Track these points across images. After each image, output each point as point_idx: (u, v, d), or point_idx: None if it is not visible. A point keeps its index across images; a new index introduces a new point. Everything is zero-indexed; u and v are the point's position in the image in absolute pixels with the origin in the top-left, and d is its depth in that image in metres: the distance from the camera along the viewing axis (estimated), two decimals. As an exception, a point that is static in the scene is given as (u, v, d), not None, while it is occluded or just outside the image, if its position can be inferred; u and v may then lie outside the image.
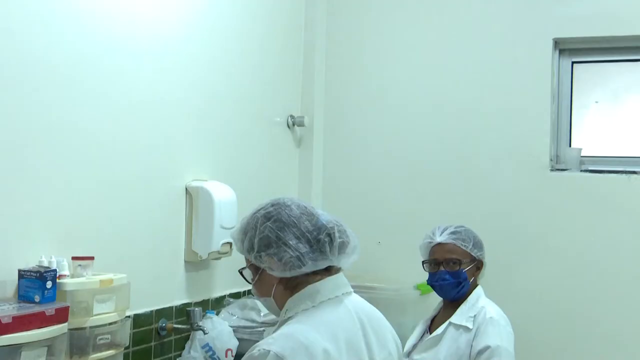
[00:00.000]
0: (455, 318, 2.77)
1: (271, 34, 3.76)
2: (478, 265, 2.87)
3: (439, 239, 2.85)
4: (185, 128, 3.05)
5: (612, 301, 3.43)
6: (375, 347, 1.83)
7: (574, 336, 3.50)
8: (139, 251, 2.76)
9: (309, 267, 1.78)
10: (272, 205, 1.84)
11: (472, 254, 2.84)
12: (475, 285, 2.87)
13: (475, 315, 2.74)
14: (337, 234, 1.81)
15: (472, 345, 2.67)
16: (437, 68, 3.86)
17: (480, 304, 2.78)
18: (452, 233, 2.86)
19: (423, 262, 2.90)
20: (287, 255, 1.76)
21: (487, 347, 2.62)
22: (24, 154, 2.26)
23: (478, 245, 2.87)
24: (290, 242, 1.76)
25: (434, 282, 2.85)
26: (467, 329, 2.72)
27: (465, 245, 2.83)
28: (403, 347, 2.50)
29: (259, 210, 1.85)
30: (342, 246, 1.82)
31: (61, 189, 2.40)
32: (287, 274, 1.78)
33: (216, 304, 3.27)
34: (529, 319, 3.55)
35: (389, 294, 3.39)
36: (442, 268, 2.83)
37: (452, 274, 2.81)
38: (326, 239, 1.79)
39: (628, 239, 3.41)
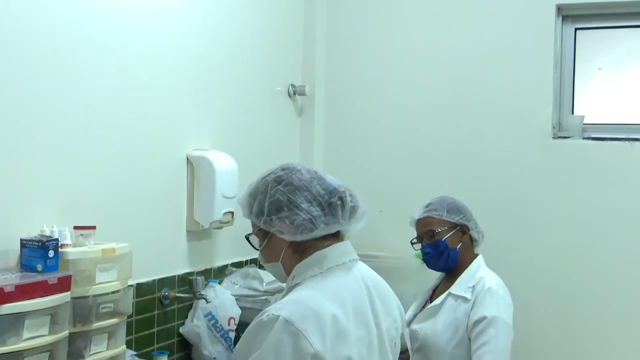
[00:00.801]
0: (454, 288, 2.76)
1: (273, 3, 3.72)
2: (462, 230, 2.82)
3: (416, 215, 2.87)
4: (186, 98, 3.03)
5: (614, 269, 3.43)
6: (381, 313, 1.84)
7: (575, 304, 3.51)
8: (141, 221, 2.76)
9: (320, 231, 1.78)
10: (282, 169, 1.83)
11: (449, 220, 2.80)
12: (474, 255, 2.85)
13: (474, 286, 2.72)
14: (348, 198, 1.81)
15: (469, 316, 2.66)
16: (439, 36, 3.83)
17: (479, 274, 2.76)
18: (426, 207, 2.86)
19: (411, 242, 2.91)
20: (299, 218, 1.76)
21: (484, 318, 2.60)
22: (25, 124, 2.25)
23: (454, 210, 2.82)
24: (303, 205, 1.76)
25: (422, 258, 2.87)
26: (465, 299, 2.70)
27: (439, 214, 2.80)
28: (405, 316, 2.50)
29: (268, 174, 1.84)
30: (353, 210, 1.83)
31: (62, 159, 2.39)
32: (299, 238, 1.78)
33: (218, 273, 3.27)
34: (530, 287, 3.56)
35: (391, 262, 3.40)
36: (423, 242, 2.84)
37: (431, 246, 2.80)
38: (338, 203, 1.79)
39: (630, 206, 3.41)
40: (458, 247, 2.80)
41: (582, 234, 3.49)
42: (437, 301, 2.77)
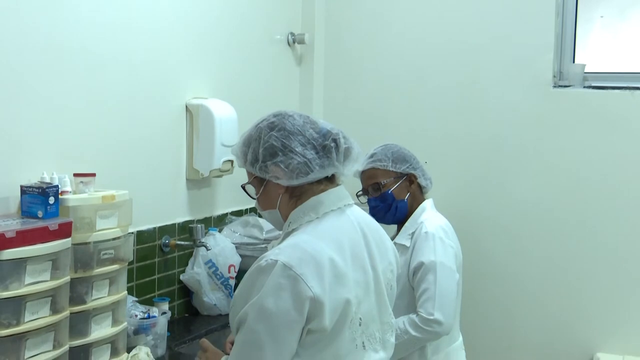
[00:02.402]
0: (398, 238, 2.69)
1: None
2: (410, 179, 2.74)
3: (360, 167, 2.75)
4: (185, 45, 3.01)
5: (615, 217, 3.44)
6: (377, 256, 1.85)
7: (576, 253, 3.52)
8: (141, 169, 2.77)
9: (316, 174, 1.79)
10: (275, 116, 1.84)
11: (395, 170, 2.71)
12: (421, 201, 2.76)
13: (413, 232, 2.65)
14: (342, 140, 1.82)
15: (409, 264, 2.60)
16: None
17: (420, 219, 2.67)
18: (370, 157, 2.75)
19: (357, 195, 2.80)
20: (294, 162, 1.77)
21: (422, 264, 2.55)
22: (24, 72, 2.25)
23: (399, 159, 2.73)
24: (297, 149, 1.77)
25: (369, 212, 2.67)
26: (405, 247, 2.64)
27: (384, 165, 2.71)
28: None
29: (261, 121, 1.85)
30: (348, 152, 1.83)
31: (61, 107, 2.39)
32: (295, 182, 1.79)
33: (218, 222, 3.29)
34: (530, 236, 3.59)
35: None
36: (369, 195, 2.75)
37: (378, 199, 2.72)
38: (332, 145, 1.80)
39: (631, 155, 3.40)
40: (406, 197, 2.72)
41: (582, 182, 3.49)
42: None
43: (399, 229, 2.77)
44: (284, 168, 1.78)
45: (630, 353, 3.42)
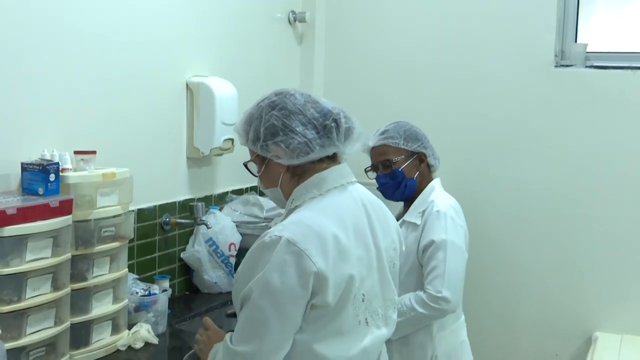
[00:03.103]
0: (407, 215, 2.69)
1: None
2: (420, 158, 2.73)
3: (370, 142, 2.75)
4: (186, 23, 2.99)
5: (616, 197, 3.44)
6: (380, 234, 1.86)
7: (576, 233, 3.53)
8: (141, 147, 2.77)
9: (316, 153, 1.79)
10: (276, 94, 1.83)
11: (407, 148, 2.70)
12: (429, 179, 2.76)
13: (423, 211, 2.65)
14: (343, 120, 1.81)
15: (419, 242, 2.60)
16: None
17: (431, 198, 2.67)
18: (382, 133, 2.74)
19: (365, 170, 2.80)
20: (294, 142, 1.76)
21: (432, 242, 2.55)
22: (24, 51, 2.24)
23: (411, 137, 2.71)
24: (297, 129, 1.77)
25: (377, 188, 2.74)
26: (415, 225, 2.64)
27: (395, 142, 2.69)
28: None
29: (262, 100, 1.84)
30: (349, 132, 1.83)
31: (62, 84, 2.39)
32: (295, 161, 1.79)
33: (219, 200, 3.30)
34: (530, 215, 3.59)
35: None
36: (379, 172, 2.74)
37: (388, 176, 2.70)
38: (332, 125, 1.79)
39: (632, 135, 3.39)
40: (415, 176, 2.72)
41: (583, 162, 3.49)
42: None
43: (406, 207, 2.77)
44: (285, 148, 1.77)
45: (628, 332, 3.44)
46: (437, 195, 2.68)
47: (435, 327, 2.59)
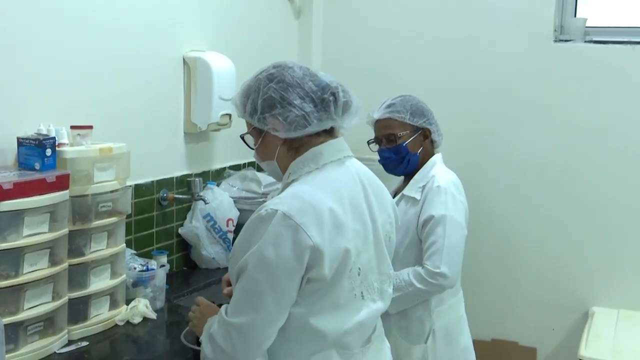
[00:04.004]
0: (407, 190, 2.67)
1: None
2: (424, 134, 2.69)
3: (376, 115, 2.70)
4: (181, -4, 2.97)
5: (615, 171, 3.44)
6: (376, 208, 1.86)
7: (573, 206, 3.54)
8: (138, 122, 2.76)
9: (314, 127, 1.78)
10: (275, 67, 1.82)
11: (412, 123, 2.65)
12: (431, 155, 2.72)
13: (424, 186, 2.62)
14: (341, 94, 1.80)
15: (418, 216, 2.57)
16: None
17: (431, 173, 2.64)
18: (388, 106, 2.68)
19: (368, 142, 2.76)
20: (292, 115, 1.75)
21: (432, 217, 2.52)
22: (20, 26, 2.22)
23: (417, 113, 2.66)
24: (295, 102, 1.75)
25: (379, 161, 2.71)
26: (415, 200, 2.61)
27: (401, 117, 2.64)
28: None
29: (261, 72, 1.83)
30: (346, 106, 1.82)
31: (58, 59, 2.37)
32: (292, 134, 1.78)
33: (216, 176, 3.29)
34: (529, 189, 3.60)
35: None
36: (383, 146, 2.70)
37: (392, 151, 2.66)
38: (330, 98, 1.78)
39: (631, 109, 3.39)
40: (419, 151, 2.68)
41: (582, 137, 3.49)
42: None
43: (406, 181, 2.75)
44: (282, 120, 1.76)
45: (625, 307, 3.45)
46: (437, 171, 2.65)
47: (434, 302, 2.59)
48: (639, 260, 3.45)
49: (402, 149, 2.66)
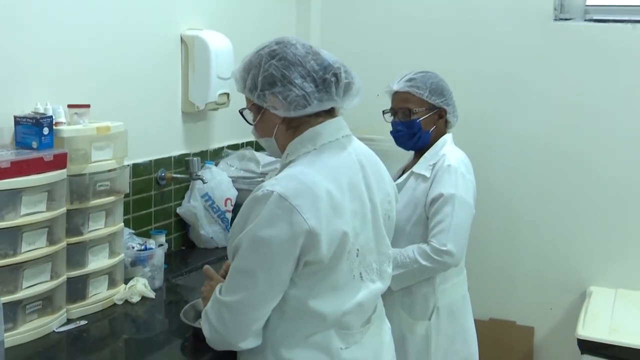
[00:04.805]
0: (416, 167, 2.67)
1: None
2: (440, 113, 2.69)
3: (395, 86, 2.70)
4: (179, -26, 2.95)
5: (614, 150, 3.44)
6: (375, 188, 1.85)
7: (572, 185, 3.54)
8: (135, 101, 2.74)
9: (314, 107, 1.76)
10: (277, 43, 1.79)
11: (430, 101, 2.65)
12: (442, 134, 2.72)
13: (434, 164, 2.62)
14: (343, 75, 1.78)
15: (427, 194, 2.58)
16: None
17: (442, 152, 2.64)
18: (409, 80, 2.67)
19: (383, 112, 2.77)
20: (292, 94, 1.73)
21: (441, 195, 2.53)
22: (17, 3, 2.20)
23: (436, 92, 2.66)
24: (296, 81, 1.74)
25: (391, 133, 2.73)
26: (425, 177, 2.61)
27: (420, 93, 2.64)
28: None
29: (263, 48, 1.80)
30: (348, 87, 1.80)
31: (56, 37, 2.35)
32: (292, 114, 1.76)
33: (214, 155, 3.28)
34: (528, 168, 3.60)
35: (387, 145, 3.37)
36: (397, 118, 2.70)
37: (405, 125, 2.66)
38: (332, 79, 1.76)
39: (631, 88, 3.38)
40: (431, 130, 2.68)
41: (581, 116, 3.48)
42: (399, 180, 2.68)
43: (416, 158, 2.75)
44: (282, 99, 1.74)
45: (622, 286, 3.46)
46: (448, 150, 2.65)
47: (438, 280, 2.61)
48: (638, 240, 3.45)
49: (415, 125, 2.65)
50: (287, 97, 1.74)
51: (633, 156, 3.41)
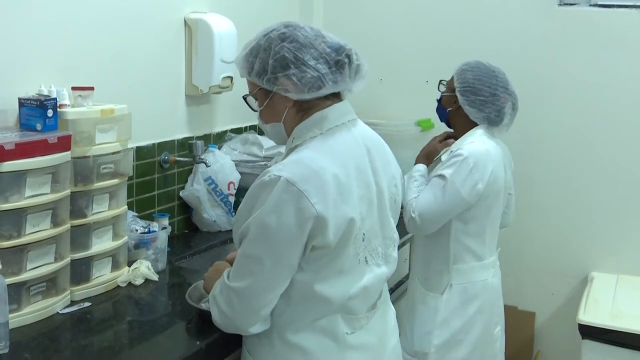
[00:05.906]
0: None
1: None
2: (455, 100, 2.74)
3: (457, 67, 2.81)
4: (182, -44, 2.93)
5: (616, 138, 3.44)
6: (381, 172, 1.85)
7: (575, 171, 3.54)
8: (139, 84, 2.74)
9: (327, 89, 1.75)
10: (285, 26, 1.77)
11: (459, 97, 2.72)
12: (471, 126, 2.74)
13: (452, 151, 2.67)
14: (354, 56, 1.78)
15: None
16: None
17: (467, 141, 2.67)
18: (464, 71, 2.75)
19: (440, 81, 2.93)
20: (307, 76, 1.72)
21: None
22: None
23: (471, 91, 2.70)
24: (310, 63, 1.72)
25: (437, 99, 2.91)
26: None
27: (454, 76, 2.78)
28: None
29: (270, 31, 1.78)
30: (359, 69, 1.80)
31: (59, 19, 2.35)
32: (306, 96, 1.75)
33: (217, 139, 3.28)
34: (531, 154, 3.59)
35: (390, 130, 3.38)
36: (442, 92, 2.87)
37: (439, 101, 2.85)
38: (345, 60, 1.76)
39: (636, 74, 3.37)
40: (448, 109, 2.78)
41: (586, 102, 3.48)
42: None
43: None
44: (297, 81, 1.73)
45: (624, 272, 3.47)
46: (472, 140, 2.68)
47: (452, 258, 2.69)
48: (639, 225, 3.46)
49: (441, 110, 2.83)
50: (301, 78, 1.72)
51: (636, 142, 3.41)
